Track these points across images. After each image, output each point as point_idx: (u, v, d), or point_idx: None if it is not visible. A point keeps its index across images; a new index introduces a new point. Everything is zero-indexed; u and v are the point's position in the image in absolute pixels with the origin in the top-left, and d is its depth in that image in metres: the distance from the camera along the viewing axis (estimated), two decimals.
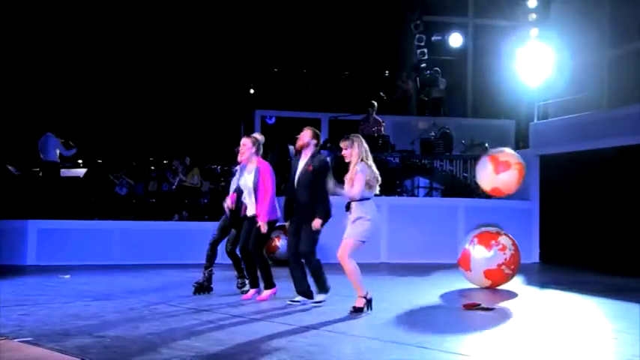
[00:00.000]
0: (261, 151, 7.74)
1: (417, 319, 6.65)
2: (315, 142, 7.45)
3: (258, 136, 7.93)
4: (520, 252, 9.15)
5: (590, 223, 12.58)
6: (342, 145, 6.87)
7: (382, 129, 14.97)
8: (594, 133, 12.51)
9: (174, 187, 14.92)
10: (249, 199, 7.64)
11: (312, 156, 7.39)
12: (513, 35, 15.46)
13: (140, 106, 18.13)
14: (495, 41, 16.87)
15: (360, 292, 6.75)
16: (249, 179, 7.58)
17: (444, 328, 6.24)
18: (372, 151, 15.60)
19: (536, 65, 14.57)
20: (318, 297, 7.36)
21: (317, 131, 7.62)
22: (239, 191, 7.75)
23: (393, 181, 14.43)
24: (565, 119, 13.63)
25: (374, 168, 6.88)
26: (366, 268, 11.47)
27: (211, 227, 12.54)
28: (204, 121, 18.58)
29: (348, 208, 6.78)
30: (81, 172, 15.13)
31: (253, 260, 7.68)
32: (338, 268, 7.01)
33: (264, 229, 7.51)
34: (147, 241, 12.24)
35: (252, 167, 7.62)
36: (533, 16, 14.82)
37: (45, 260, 11.73)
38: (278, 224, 8.06)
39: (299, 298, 7.37)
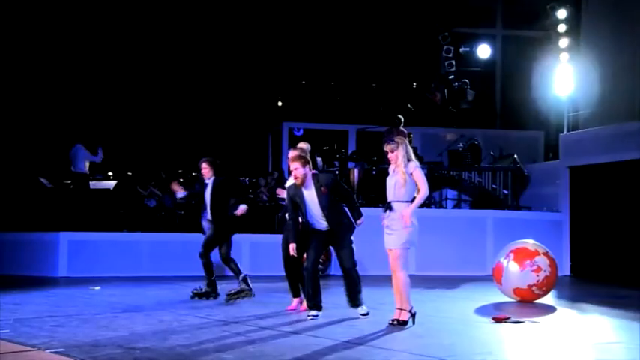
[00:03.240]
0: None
1: (447, 332, 6.58)
2: (308, 167, 7.22)
3: (303, 144, 7.93)
4: (557, 271, 9.00)
5: (622, 236, 12.38)
6: (387, 148, 6.76)
7: (409, 140, 14.93)
8: (625, 144, 12.34)
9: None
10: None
11: (316, 179, 7.24)
12: (542, 46, 15.35)
13: (169, 118, 18.29)
14: (524, 52, 16.76)
15: (407, 305, 6.73)
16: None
17: (473, 341, 6.18)
18: None
19: (565, 76, 14.45)
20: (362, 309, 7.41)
21: (301, 155, 7.26)
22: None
23: None
24: (596, 130, 13.46)
25: None
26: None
27: (239, 239, 12.75)
28: (233, 133, 18.69)
29: (387, 209, 6.70)
30: (111, 184, 15.29)
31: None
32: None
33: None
34: (176, 252, 12.30)
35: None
36: (563, 26, 14.70)
37: (76, 272, 11.86)
38: None
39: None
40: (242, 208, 8.98)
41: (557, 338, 6.45)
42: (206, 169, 8.98)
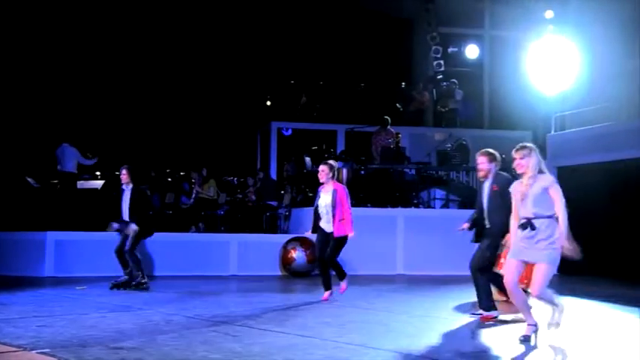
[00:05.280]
0: (336, 176, 8.89)
1: (435, 331, 6.59)
2: (494, 164, 7.43)
3: (333, 162, 8.88)
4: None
5: (609, 234, 12.45)
6: (516, 154, 6.02)
7: (398, 140, 14.95)
8: (612, 144, 12.41)
9: (192, 198, 14.99)
10: (327, 217, 8.54)
11: (495, 176, 7.38)
12: (530, 47, 15.42)
13: (157, 118, 18.23)
14: (512, 53, 16.83)
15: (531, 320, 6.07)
16: (327, 199, 8.53)
17: (461, 340, 6.19)
18: (387, 163, 15.48)
19: (553, 76, 14.52)
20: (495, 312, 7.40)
21: (492, 152, 7.52)
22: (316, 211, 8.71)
23: (410, 192, 14.40)
24: (583, 131, 13.53)
25: None
26: (381, 279, 11.50)
27: (228, 239, 12.75)
28: (221, 132, 18.64)
29: (526, 226, 5.87)
30: (99, 183, 15.21)
31: (328, 267, 8.62)
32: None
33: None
34: (164, 252, 12.24)
35: (329, 189, 8.57)
36: (551, 27, 14.77)
37: (62, 272, 11.78)
38: (295, 235, 8.30)
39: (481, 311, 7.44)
40: (132, 229, 9.59)
41: (543, 336, 6.46)
42: (125, 176, 9.66)
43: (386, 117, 15.23)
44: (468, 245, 13.05)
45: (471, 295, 9.37)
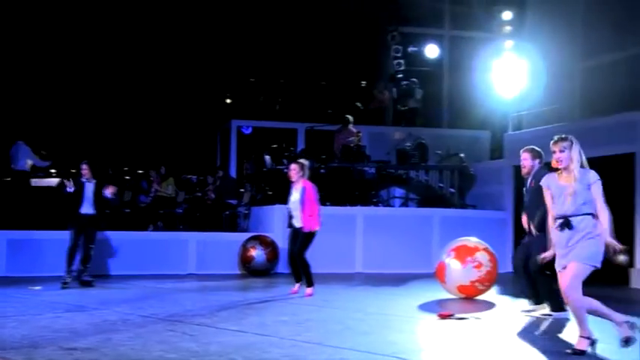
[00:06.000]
0: (307, 174, 9.12)
1: (393, 329, 6.63)
2: (538, 160, 7.57)
3: (303, 161, 9.30)
4: (497, 266, 9.19)
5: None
6: (555, 147, 5.55)
7: (358, 139, 15.00)
8: None
9: (150, 196, 14.82)
10: (295, 213, 8.96)
11: (534, 173, 7.52)
12: (488, 47, 15.62)
13: (115, 116, 17.97)
14: (471, 53, 17.01)
15: (583, 331, 5.40)
16: (297, 197, 8.95)
17: (419, 338, 6.24)
18: (347, 162, 15.51)
19: (510, 77, 14.74)
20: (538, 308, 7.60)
21: (535, 149, 7.64)
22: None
23: (369, 191, 14.47)
24: (538, 130, 13.75)
25: None
26: (340, 278, 11.53)
27: (187, 237, 12.63)
28: (180, 130, 18.47)
29: (564, 226, 5.39)
30: (53, 181, 14.91)
31: (299, 264, 8.94)
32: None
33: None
34: (121, 251, 12.07)
35: (299, 187, 8.99)
36: (508, 28, 14.99)
37: (15, 271, 11.50)
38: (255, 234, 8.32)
39: (533, 307, 7.63)
40: (110, 190, 10.15)
41: (499, 333, 6.56)
42: (86, 170, 10.11)
43: (347, 116, 15.26)
44: (427, 243, 13.28)
45: (427, 293, 9.47)
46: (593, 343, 5.37)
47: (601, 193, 5.37)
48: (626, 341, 5.27)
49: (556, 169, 5.62)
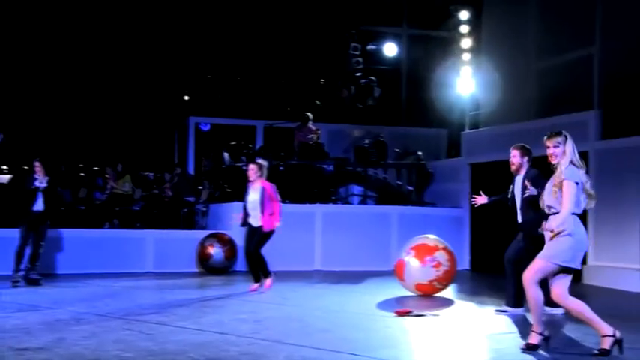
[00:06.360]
0: (265, 174, 9.19)
1: (351, 326, 6.66)
2: (527, 158, 7.53)
3: (262, 161, 9.39)
4: (456, 265, 9.31)
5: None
6: (549, 142, 5.39)
7: (317, 137, 15.01)
8: (522, 142, 12.79)
9: (106, 194, 14.61)
10: (254, 213, 9.04)
11: (526, 172, 7.45)
12: (446, 46, 15.79)
13: (70, 111, 17.64)
14: (428, 51, 17.18)
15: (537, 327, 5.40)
16: (256, 197, 9.04)
17: (376, 335, 6.27)
18: (306, 159, 15.55)
19: (467, 76, 14.93)
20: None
21: (525, 147, 7.62)
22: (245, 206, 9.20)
23: (328, 188, 14.50)
24: (494, 129, 13.96)
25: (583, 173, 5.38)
26: (299, 275, 11.53)
27: (144, 235, 12.47)
28: (137, 127, 18.23)
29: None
30: (5, 178, 14.57)
31: (256, 260, 9.04)
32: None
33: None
34: (76, 249, 11.86)
35: (257, 187, 9.08)
36: (465, 27, 15.17)
37: None
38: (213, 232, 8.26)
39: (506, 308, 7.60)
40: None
41: (456, 330, 6.64)
42: (38, 168, 10.00)
43: (307, 113, 15.26)
44: (385, 240, 13.36)
45: (386, 290, 9.54)
46: (546, 338, 5.37)
47: (570, 191, 5.21)
48: (601, 353, 5.16)
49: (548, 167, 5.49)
